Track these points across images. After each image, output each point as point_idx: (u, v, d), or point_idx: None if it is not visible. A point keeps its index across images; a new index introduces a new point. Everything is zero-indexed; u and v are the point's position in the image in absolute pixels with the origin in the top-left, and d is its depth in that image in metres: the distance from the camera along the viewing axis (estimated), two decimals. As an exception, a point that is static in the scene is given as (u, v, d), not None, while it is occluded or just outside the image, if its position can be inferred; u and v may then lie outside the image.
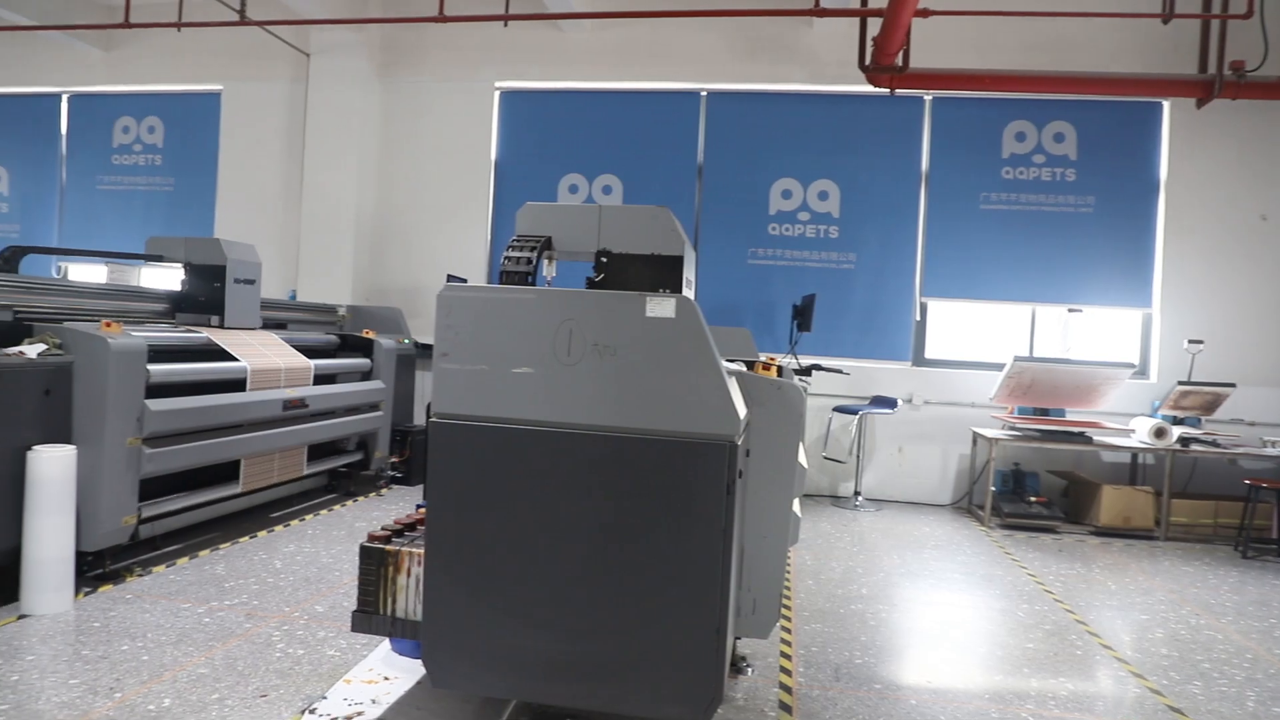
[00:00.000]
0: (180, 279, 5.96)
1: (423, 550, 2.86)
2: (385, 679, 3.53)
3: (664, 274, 3.16)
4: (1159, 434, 7.18)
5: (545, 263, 3.15)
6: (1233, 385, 7.31)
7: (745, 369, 3.33)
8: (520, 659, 2.74)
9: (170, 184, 10.02)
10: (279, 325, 6.81)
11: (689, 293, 3.27)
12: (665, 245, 3.18)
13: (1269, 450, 7.16)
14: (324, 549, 5.41)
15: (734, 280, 8.57)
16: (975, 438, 7.96)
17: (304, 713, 3.21)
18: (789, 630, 4.46)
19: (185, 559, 5.02)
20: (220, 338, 5.38)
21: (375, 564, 2.96)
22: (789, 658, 4.07)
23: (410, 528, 3.20)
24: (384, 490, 7.23)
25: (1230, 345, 7.81)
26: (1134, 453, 7.57)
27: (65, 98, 10.42)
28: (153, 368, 4.59)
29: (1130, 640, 4.61)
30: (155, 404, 4.56)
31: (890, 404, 7.87)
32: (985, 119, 8.23)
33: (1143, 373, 8.10)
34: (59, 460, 4.04)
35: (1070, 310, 8.15)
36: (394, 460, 7.45)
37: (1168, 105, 7.96)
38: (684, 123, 8.71)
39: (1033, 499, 7.43)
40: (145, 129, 10.12)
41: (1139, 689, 3.95)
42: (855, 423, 8.12)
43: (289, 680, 3.50)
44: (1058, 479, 7.93)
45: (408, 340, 8.00)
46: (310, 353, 6.21)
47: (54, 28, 9.12)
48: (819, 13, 7.07)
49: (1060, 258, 8.12)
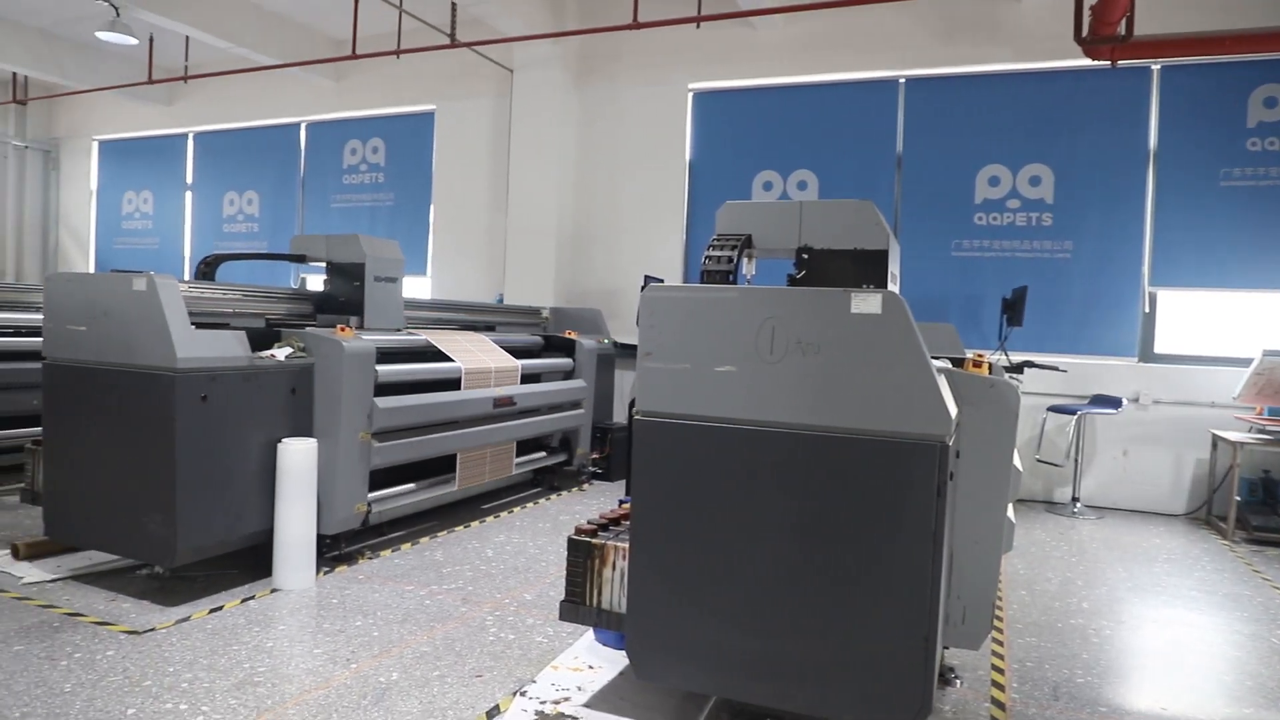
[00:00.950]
0: (323, 279, 5.82)
1: (627, 545, 2.93)
2: (590, 667, 3.64)
3: (867, 269, 3.07)
4: None
5: (745, 261, 3.14)
6: None
7: (951, 366, 3.18)
8: (722, 656, 2.75)
9: (391, 198, 10.88)
10: (488, 327, 7.21)
11: (893, 288, 3.16)
12: (868, 239, 3.10)
13: None
14: (531, 540, 5.67)
15: (936, 274, 8.21)
16: (1215, 441, 7.18)
17: (515, 694, 3.37)
18: (1000, 643, 4.21)
19: (408, 545, 5.42)
20: (437, 340, 5.76)
21: (582, 557, 3.07)
22: (1001, 671, 3.85)
23: (615, 522, 3.29)
24: (585, 486, 7.49)
25: None
26: None
27: (303, 126, 11.56)
28: (380, 368, 4.98)
29: None
30: (383, 401, 4.96)
31: (1114, 403, 7.25)
32: (1225, 86, 7.40)
33: None
34: (303, 452, 4.48)
35: (1334, 298, 7.19)
36: (594, 457, 7.69)
37: None
38: (881, 112, 8.43)
39: (1288, 511, 6.63)
40: (370, 149, 11.04)
41: None
42: (1073, 423, 7.54)
43: (501, 663, 3.69)
44: (1319, 489, 7.02)
45: (607, 340, 8.24)
46: (517, 353, 6.52)
47: (294, 64, 10.12)
48: (1029, -13, 6.63)
49: (1320, 239, 7.19)
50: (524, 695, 3.36)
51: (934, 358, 2.59)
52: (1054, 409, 7.45)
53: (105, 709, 3.12)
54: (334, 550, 4.94)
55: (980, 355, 3.79)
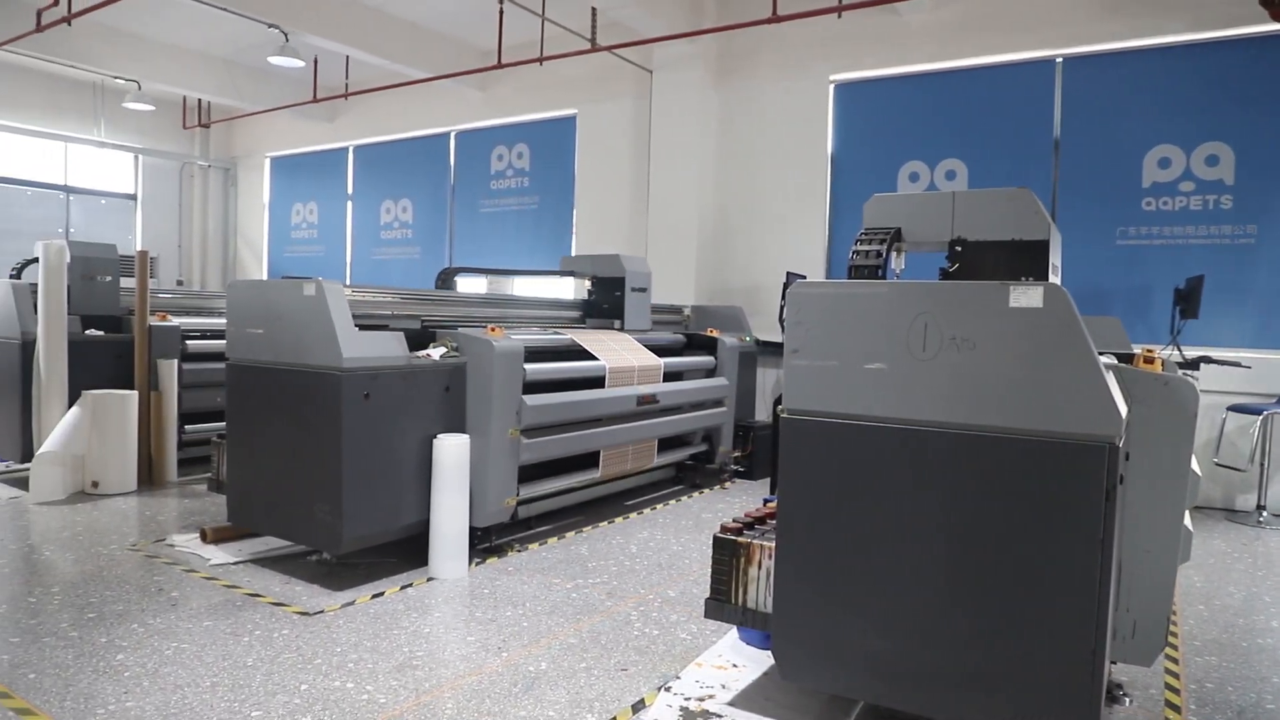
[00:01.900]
0: (587, 289, 7.06)
1: (773, 544, 2.91)
2: (734, 666, 3.63)
3: (1025, 260, 2.92)
4: None
5: (894, 255, 3.05)
6: None
7: (1117, 362, 2.99)
8: (870, 660, 2.69)
9: (536, 202, 11.20)
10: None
11: (1054, 280, 2.99)
12: (1027, 229, 2.94)
13: None
14: (674, 537, 5.70)
15: (1099, 264, 7.71)
16: None
17: (660, 689, 3.40)
18: (1175, 661, 3.91)
19: (554, 539, 5.56)
20: (582, 338, 5.89)
21: (727, 555, 3.07)
22: (1176, 691, 3.57)
23: (760, 521, 3.27)
24: (727, 484, 7.47)
25: None
26: None
27: (453, 134, 12.07)
28: (528, 367, 5.14)
29: None
30: (531, 399, 5.11)
31: (1307, 403, 6.61)
32: None
33: None
34: (457, 447, 4.68)
35: None
36: (737, 455, 7.66)
37: None
38: (1036, 95, 8.00)
39: None
40: (515, 155, 11.40)
41: None
42: (1257, 424, 6.92)
43: (646, 657, 3.73)
44: None
45: (749, 338, 8.19)
46: (660, 351, 6.58)
47: (444, 76, 10.57)
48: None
49: None
50: (669, 691, 3.38)
51: (1099, 353, 2.43)
52: (1235, 409, 6.87)
53: (282, 683, 3.35)
54: (485, 542, 5.12)
55: (1150, 350, 3.54)
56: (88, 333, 6.85)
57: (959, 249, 3.01)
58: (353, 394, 4.34)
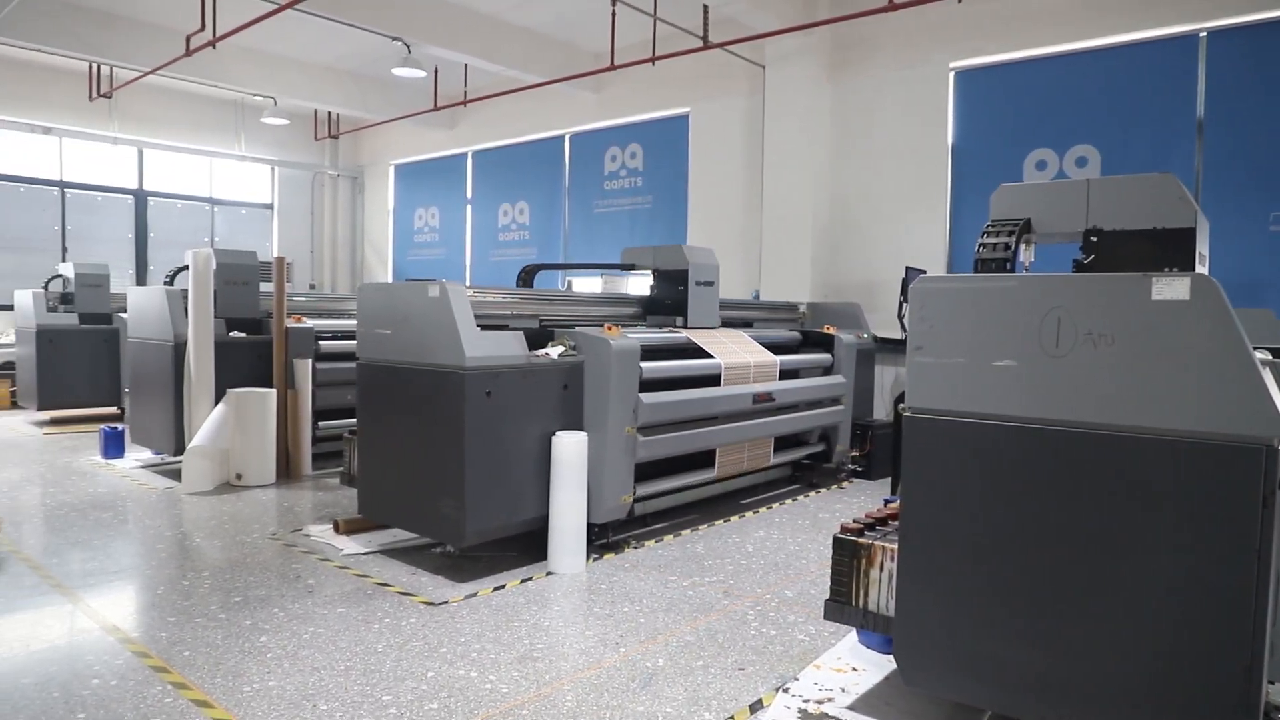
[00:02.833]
0: (649, 284, 6.59)
1: (896, 546, 2.83)
2: (853, 669, 3.56)
3: (1168, 250, 2.75)
4: None
5: (1022, 247, 2.92)
6: None
7: (1273, 357, 2.78)
8: (998, 669, 2.58)
9: (649, 201, 11.26)
10: (745, 324, 7.25)
11: (1202, 269, 2.81)
12: (1170, 217, 2.77)
13: None
14: (790, 537, 5.64)
15: (1249, 253, 7.17)
16: None
17: (778, 690, 3.37)
18: (1346, 680, 3.61)
19: (670, 536, 5.58)
20: (697, 337, 5.89)
21: (848, 556, 3.01)
22: (1347, 714, 3.30)
23: (882, 522, 3.19)
24: (845, 483, 7.33)
25: None
26: None
27: (567, 137, 12.27)
28: (644, 365, 5.18)
29: None
30: (647, 397, 5.15)
31: None
32: None
33: None
34: (575, 445, 4.76)
35: None
36: (855, 454, 7.51)
37: None
38: (1176, 73, 7.50)
39: None
40: (628, 155, 11.50)
41: None
42: None
43: (763, 658, 3.70)
44: None
45: (867, 335, 8.02)
46: (775, 349, 6.52)
47: (558, 80, 10.76)
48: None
49: None
50: (786, 692, 3.35)
51: (1254, 348, 2.27)
52: None
53: (410, 669, 3.49)
54: (602, 538, 5.19)
55: (1313, 345, 3.27)
56: (231, 335, 7.30)
57: (1094, 239, 2.85)
58: (475, 392, 4.47)
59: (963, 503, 2.62)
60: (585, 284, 11.39)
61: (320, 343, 7.55)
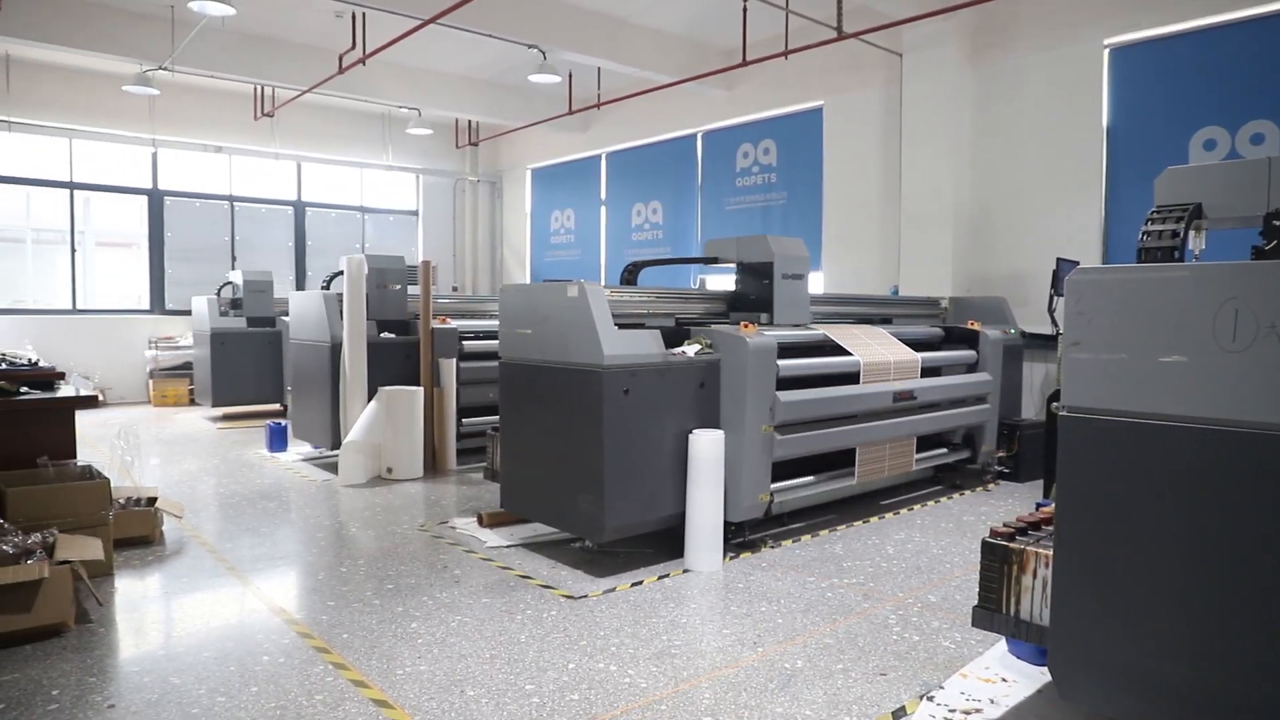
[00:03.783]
0: (734, 278, 6.14)
1: (1050, 552, 2.70)
2: (1003, 680, 3.42)
3: (1367, 234, 2.50)
4: None
5: (1192, 234, 2.72)
6: None
7: None
8: (1165, 686, 2.41)
9: (782, 198, 11.13)
10: (884, 320, 7.07)
11: None
12: (1371, 197, 2.52)
13: None
14: (933, 540, 5.46)
15: None
16: None
17: (922, 698, 3.27)
18: None
19: (807, 536, 5.50)
20: (835, 334, 5.78)
21: (998, 561, 2.88)
22: None
23: (1035, 526, 3.04)
24: (990, 485, 7.03)
25: None
26: None
27: (699, 135, 12.28)
28: (781, 363, 5.12)
29: None
30: (784, 395, 5.10)
31: None
32: None
33: None
34: (712, 442, 4.76)
35: None
36: (1001, 455, 7.19)
37: None
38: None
39: None
40: (761, 151, 11.40)
41: None
42: None
43: (906, 663, 3.60)
44: None
45: (1013, 330, 7.67)
46: (916, 346, 6.32)
47: (689, 79, 10.78)
48: None
49: None
50: (931, 700, 3.25)
51: None
52: None
53: (551, 660, 3.58)
54: (738, 537, 5.17)
55: None
56: (382, 336, 7.69)
57: (1277, 224, 2.62)
58: (613, 390, 4.54)
59: (1125, 507, 2.46)
60: (717, 281, 11.37)
61: (464, 343, 7.85)
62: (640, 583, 4.59)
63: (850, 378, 5.60)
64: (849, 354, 5.64)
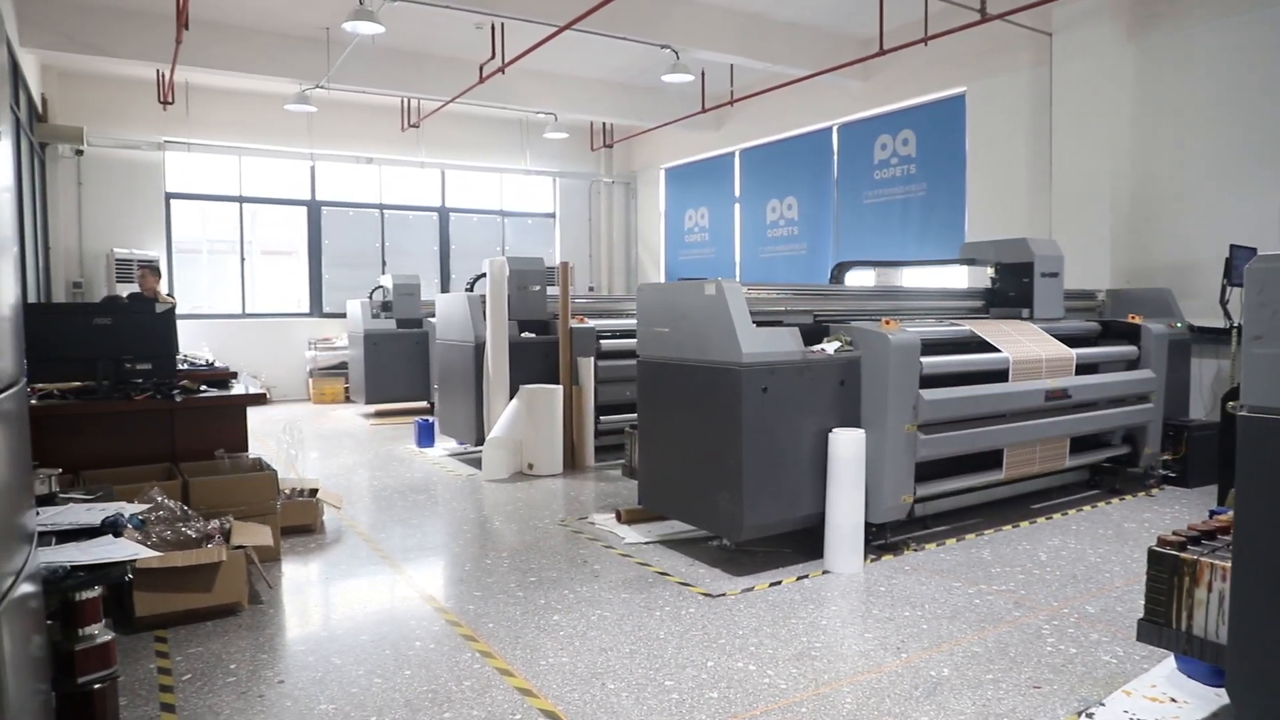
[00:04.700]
0: (990, 277, 6.65)
1: (1228, 564, 2.50)
2: (1171, 700, 3.19)
3: None
4: None
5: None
6: None
7: None
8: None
9: (923, 189, 10.77)
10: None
11: None
12: None
13: None
14: (1090, 547, 5.16)
15: None
16: None
17: (1080, 715, 3.10)
18: None
19: (952, 540, 5.31)
20: (982, 329, 5.55)
21: (1168, 572, 2.70)
22: None
23: (1209, 535, 2.83)
24: (1154, 490, 6.57)
25: None
26: None
27: (835, 128, 12.04)
28: (925, 360, 4.96)
29: None
30: (928, 394, 4.94)
31: None
32: None
33: None
34: (852, 442, 4.66)
35: None
36: (1166, 458, 6.71)
37: None
38: None
39: None
40: (899, 142, 11.06)
41: None
42: None
43: (1062, 677, 3.42)
44: None
45: (1180, 324, 7.16)
46: (1071, 341, 5.99)
47: (824, 71, 10.58)
48: None
49: None
50: (1090, 717, 3.07)
51: None
52: None
53: (690, 658, 3.60)
54: (880, 539, 5.05)
55: None
56: (523, 335, 7.92)
57: None
58: (752, 388, 4.52)
59: (1317, 517, 2.26)
60: (855, 277, 11.11)
61: (601, 341, 7.98)
62: (779, 583, 4.55)
63: (999, 375, 5.36)
64: (997, 350, 5.40)
